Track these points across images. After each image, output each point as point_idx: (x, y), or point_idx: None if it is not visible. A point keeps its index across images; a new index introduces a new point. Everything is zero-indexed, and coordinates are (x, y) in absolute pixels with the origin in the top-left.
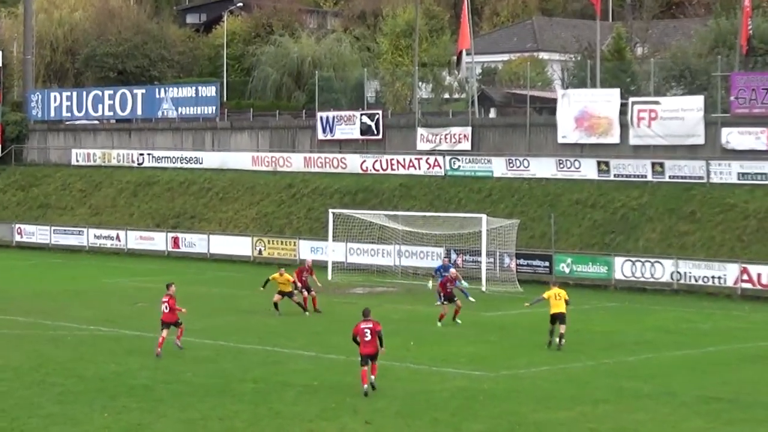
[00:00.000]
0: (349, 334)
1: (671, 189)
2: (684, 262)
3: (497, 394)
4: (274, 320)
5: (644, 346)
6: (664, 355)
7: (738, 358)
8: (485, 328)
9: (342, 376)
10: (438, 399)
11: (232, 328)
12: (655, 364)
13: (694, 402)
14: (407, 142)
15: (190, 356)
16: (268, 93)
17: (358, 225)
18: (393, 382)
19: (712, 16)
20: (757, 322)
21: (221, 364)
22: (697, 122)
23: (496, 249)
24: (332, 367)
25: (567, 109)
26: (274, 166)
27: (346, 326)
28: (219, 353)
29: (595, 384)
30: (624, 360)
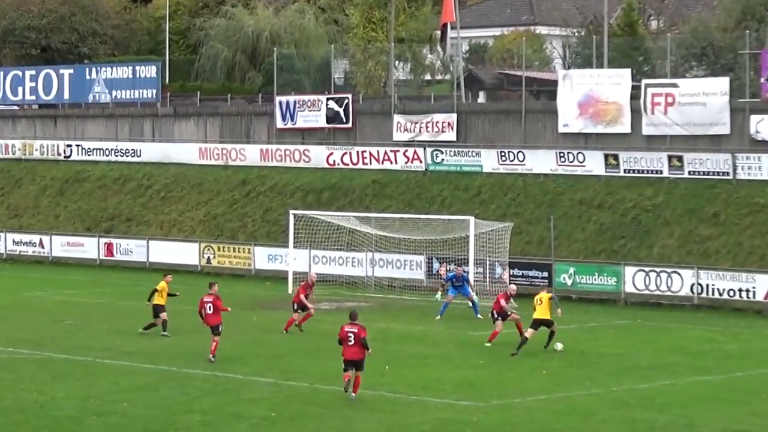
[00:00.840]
0: (314, 357)
1: (691, 187)
2: (706, 273)
3: (488, 428)
4: (227, 341)
5: (660, 370)
6: (682, 382)
7: None
8: (473, 349)
9: (304, 406)
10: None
11: (177, 349)
12: (673, 392)
13: None
14: (382, 132)
15: (125, 383)
16: (218, 74)
17: (323, 229)
18: (365, 413)
19: None
20: None
21: (163, 392)
22: (722, 108)
23: (486, 257)
24: (293, 396)
25: (569, 93)
26: (226, 159)
27: (310, 347)
28: (160, 379)
29: (603, 415)
30: (636, 387)
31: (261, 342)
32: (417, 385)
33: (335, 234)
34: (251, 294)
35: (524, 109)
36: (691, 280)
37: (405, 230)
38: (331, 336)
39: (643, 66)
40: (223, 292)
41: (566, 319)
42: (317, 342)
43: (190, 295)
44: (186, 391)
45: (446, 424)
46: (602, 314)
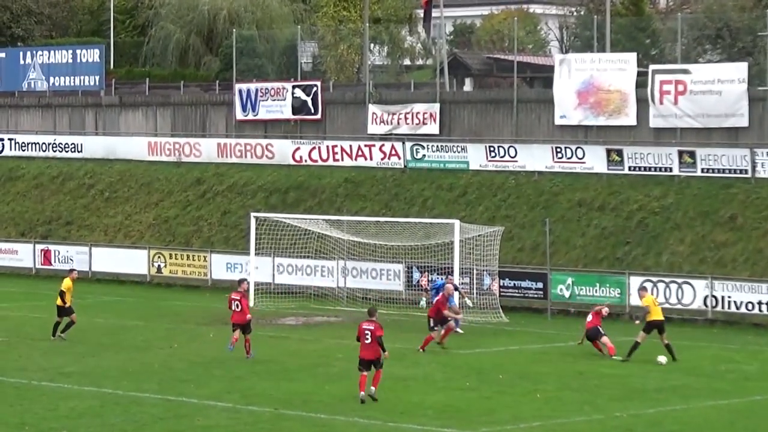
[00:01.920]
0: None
1: (705, 186)
2: (721, 283)
3: None
4: (180, 361)
5: (669, 394)
6: (695, 407)
7: None
8: (458, 370)
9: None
10: None
11: (123, 370)
12: (684, 418)
13: None
14: (355, 124)
15: (65, 408)
16: (170, 58)
17: (289, 234)
18: None
19: None
20: None
21: (107, 418)
22: (739, 98)
23: (473, 265)
24: (255, 423)
25: (567, 81)
26: (178, 155)
27: (274, 368)
28: (105, 404)
29: None
30: (643, 413)
31: (219, 362)
32: (395, 410)
33: (302, 240)
34: (208, 307)
35: (516, 98)
36: (705, 292)
37: (381, 235)
38: (297, 355)
39: (650, 50)
40: (176, 306)
41: (563, 336)
42: (282, 362)
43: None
44: (133, 418)
45: None
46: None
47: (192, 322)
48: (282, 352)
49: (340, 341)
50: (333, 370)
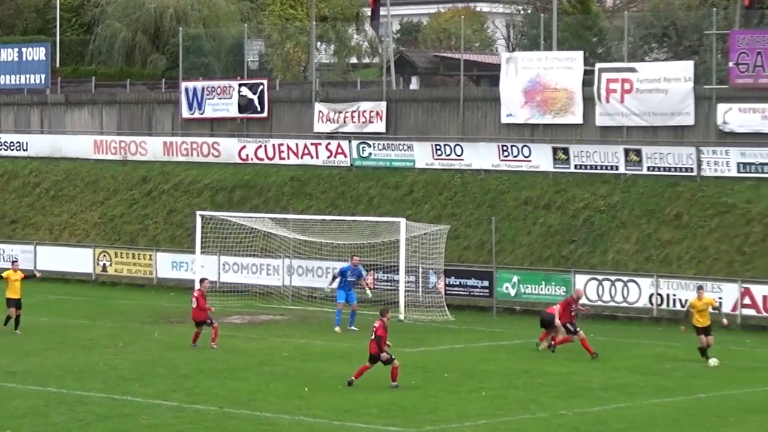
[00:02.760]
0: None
1: (650, 184)
2: (667, 281)
3: None
4: (125, 360)
5: (615, 392)
6: (640, 405)
7: (737, 408)
8: (404, 368)
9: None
10: None
11: (67, 369)
12: (629, 416)
13: None
14: (301, 123)
15: (9, 407)
16: (116, 57)
17: (235, 232)
18: None
19: None
20: (763, 360)
21: (52, 417)
22: (685, 96)
23: (419, 264)
24: (199, 422)
25: (513, 79)
26: (124, 153)
27: (219, 366)
28: (49, 403)
29: None
30: (588, 411)
31: (164, 361)
32: (340, 409)
33: (248, 238)
34: (153, 306)
35: (462, 96)
36: (650, 290)
37: (327, 234)
38: (243, 354)
39: (597, 48)
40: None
41: (509, 335)
42: (227, 360)
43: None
44: (78, 417)
45: None
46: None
47: (137, 320)
48: (227, 350)
49: (286, 340)
50: (278, 368)
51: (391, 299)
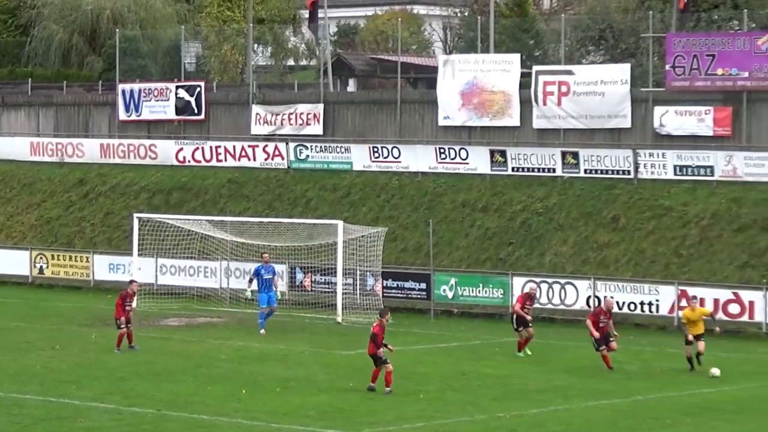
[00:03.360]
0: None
1: (588, 187)
2: (604, 284)
3: None
4: (61, 362)
5: (552, 394)
6: (577, 407)
7: (675, 410)
8: (341, 371)
9: None
10: None
11: (4, 372)
12: (566, 418)
13: None
14: (238, 125)
15: None
16: (53, 58)
17: (172, 235)
18: None
19: None
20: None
21: None
22: (622, 99)
23: (357, 266)
24: (138, 424)
25: (450, 82)
26: (61, 155)
27: (157, 369)
28: None
29: None
30: (525, 413)
31: (101, 363)
32: (278, 411)
33: (186, 240)
34: (90, 308)
35: (400, 99)
36: (587, 292)
37: (265, 236)
38: (180, 356)
39: (534, 50)
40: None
41: (446, 337)
42: (164, 363)
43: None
44: (15, 420)
45: None
46: (487, 331)
47: (74, 323)
48: (164, 353)
49: (224, 342)
50: (216, 371)
51: (328, 302)
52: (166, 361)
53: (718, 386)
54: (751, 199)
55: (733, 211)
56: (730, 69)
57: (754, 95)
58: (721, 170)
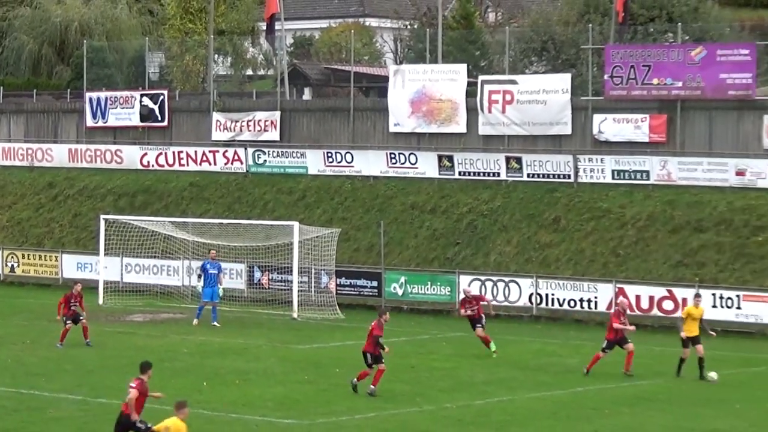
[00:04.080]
0: (126, 373)
1: (530, 190)
2: (546, 282)
3: None
4: (32, 356)
5: (497, 386)
6: (521, 398)
7: (612, 401)
8: (297, 364)
9: None
10: None
11: None
12: (510, 409)
13: None
14: (200, 131)
15: None
16: (23, 68)
17: (137, 235)
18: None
19: None
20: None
21: None
22: (563, 107)
23: (311, 265)
24: (104, 415)
25: (400, 91)
26: (31, 160)
27: (122, 362)
28: None
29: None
30: (471, 404)
31: (69, 357)
32: (237, 402)
33: (149, 240)
34: None
35: (353, 106)
36: (530, 290)
37: (224, 236)
38: (144, 350)
39: (479, 61)
40: (29, 303)
41: (396, 332)
42: (130, 357)
43: None
44: None
45: None
46: (435, 326)
47: (44, 318)
48: (129, 347)
49: (186, 337)
50: (178, 364)
51: (284, 298)
52: (131, 354)
53: (652, 378)
54: (684, 201)
55: (668, 213)
56: (665, 79)
57: (687, 104)
58: (656, 174)
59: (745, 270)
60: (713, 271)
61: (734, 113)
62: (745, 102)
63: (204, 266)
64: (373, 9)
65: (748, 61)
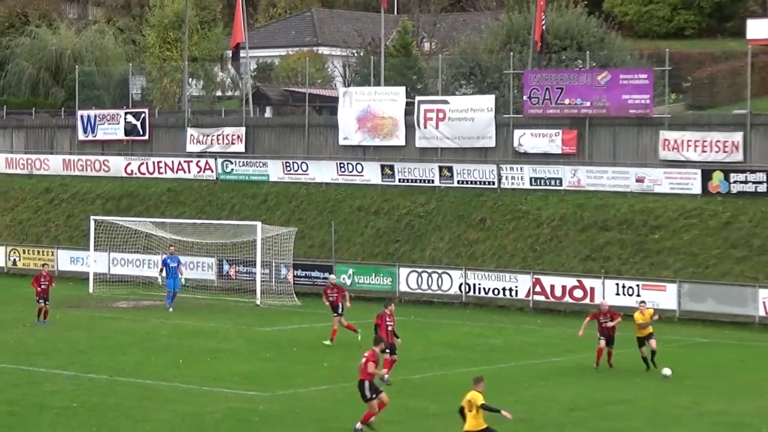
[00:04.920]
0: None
1: (460, 195)
2: (473, 273)
3: (273, 416)
4: (31, 337)
5: (431, 362)
6: (452, 373)
7: (530, 375)
8: (260, 344)
9: (104, 398)
10: (209, 421)
11: None
12: (443, 382)
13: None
14: (176, 144)
15: None
16: (24, 89)
17: (122, 233)
18: (161, 403)
19: (504, 10)
20: (550, 337)
21: None
22: (488, 123)
23: (272, 259)
24: (93, 388)
25: (348, 109)
26: (30, 168)
27: (109, 343)
28: None
29: None
30: (410, 378)
31: (63, 338)
32: (209, 377)
33: (133, 238)
34: (54, 294)
35: (308, 123)
36: (460, 280)
37: (197, 234)
38: (128, 333)
39: (416, 84)
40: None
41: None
42: (115, 338)
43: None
44: None
45: (235, 412)
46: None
47: None
48: (116, 329)
49: (164, 321)
50: (157, 344)
51: (249, 288)
52: (117, 336)
53: (564, 356)
54: (592, 204)
55: (578, 214)
56: (575, 99)
57: (594, 121)
58: (568, 181)
59: (644, 263)
60: (617, 264)
61: (634, 129)
62: (644, 119)
63: (165, 261)
64: (324, 39)
65: (646, 84)
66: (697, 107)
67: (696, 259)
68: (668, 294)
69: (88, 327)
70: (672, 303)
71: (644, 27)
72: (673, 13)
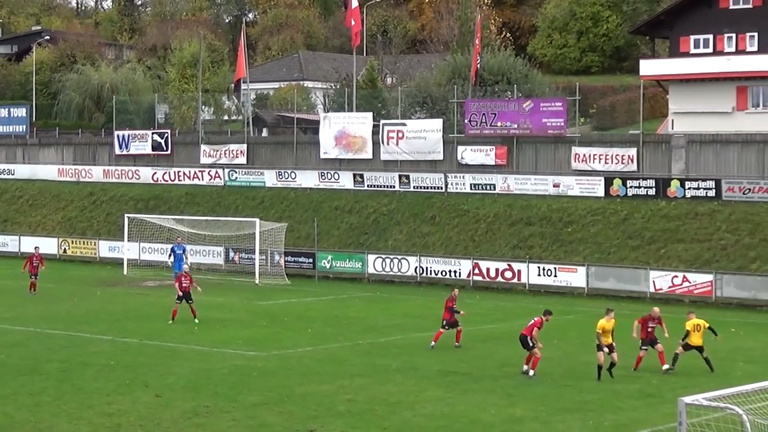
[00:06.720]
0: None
1: (415, 197)
2: (426, 259)
3: (269, 371)
4: (77, 309)
5: (393, 329)
6: (410, 337)
7: (470, 339)
8: (258, 315)
9: (135, 357)
10: (218, 375)
11: (41, 316)
12: (402, 344)
13: (434, 375)
14: (192, 157)
15: (2, 341)
16: (72, 114)
17: (150, 227)
18: (180, 361)
19: (450, 52)
20: (486, 308)
21: (30, 347)
22: (437, 141)
23: (268, 248)
24: (127, 350)
25: (328, 130)
26: (77, 177)
27: (140, 314)
28: (29, 338)
29: (352, 362)
30: (376, 341)
31: (103, 310)
32: (218, 340)
33: (158, 231)
34: (96, 276)
35: (296, 141)
36: (415, 264)
37: (209, 228)
38: (155, 306)
39: (381, 110)
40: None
41: (325, 292)
42: (144, 309)
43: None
44: (47, 347)
45: (239, 368)
46: (352, 289)
47: (86, 284)
48: (144, 303)
49: None
50: (178, 316)
51: (250, 270)
52: (146, 309)
53: (497, 323)
54: (519, 205)
55: (507, 212)
56: (506, 122)
57: (521, 139)
58: (500, 187)
59: (560, 251)
60: (538, 252)
61: (552, 145)
62: (559, 138)
63: (173, 248)
64: (309, 75)
65: (561, 110)
66: (601, 128)
67: (600, 247)
68: (579, 275)
69: (123, 301)
70: (582, 282)
71: (559, 65)
72: (582, 54)
